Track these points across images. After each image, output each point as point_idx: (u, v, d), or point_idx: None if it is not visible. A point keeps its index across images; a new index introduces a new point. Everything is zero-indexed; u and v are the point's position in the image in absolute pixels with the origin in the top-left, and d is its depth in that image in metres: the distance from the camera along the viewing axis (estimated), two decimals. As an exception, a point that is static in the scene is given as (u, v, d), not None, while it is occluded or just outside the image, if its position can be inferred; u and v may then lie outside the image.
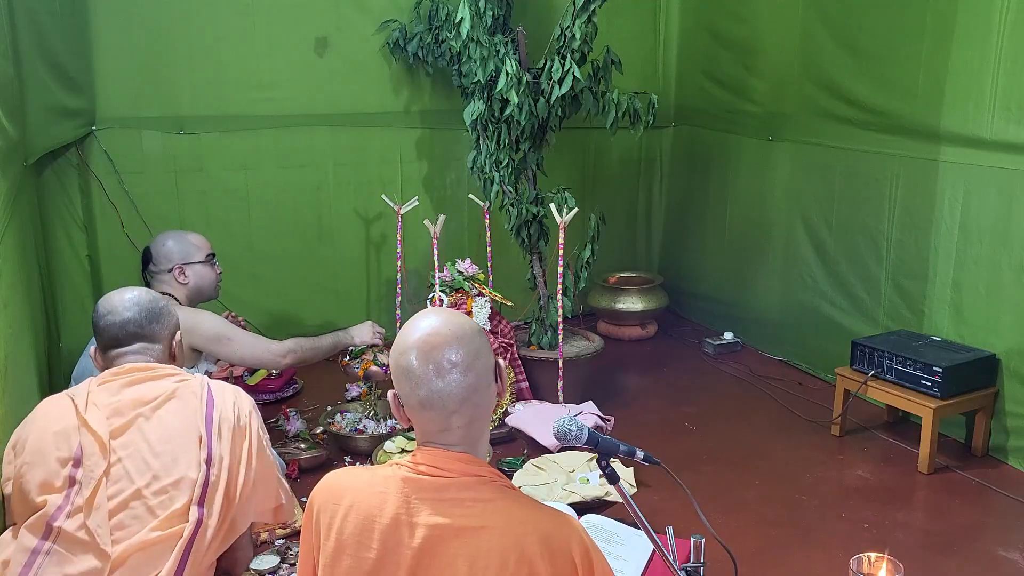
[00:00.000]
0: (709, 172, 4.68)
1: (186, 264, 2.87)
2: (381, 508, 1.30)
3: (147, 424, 1.81)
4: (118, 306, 1.97)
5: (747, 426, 3.52)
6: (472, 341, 1.33)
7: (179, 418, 1.84)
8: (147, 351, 1.97)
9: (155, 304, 2.01)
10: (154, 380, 1.89)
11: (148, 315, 1.98)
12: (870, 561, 1.96)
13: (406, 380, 1.32)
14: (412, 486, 1.31)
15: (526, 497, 1.36)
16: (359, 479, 1.37)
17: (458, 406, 1.32)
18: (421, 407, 1.33)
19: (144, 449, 1.78)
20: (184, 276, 2.86)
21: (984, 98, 3.08)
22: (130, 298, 1.99)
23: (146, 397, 1.85)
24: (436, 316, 1.36)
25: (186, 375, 1.95)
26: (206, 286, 2.93)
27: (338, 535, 1.32)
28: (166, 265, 2.86)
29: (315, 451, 3.13)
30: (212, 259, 2.97)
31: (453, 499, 1.29)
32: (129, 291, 2.02)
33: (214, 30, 3.86)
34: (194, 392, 1.89)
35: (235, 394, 1.97)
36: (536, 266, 3.83)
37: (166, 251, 2.87)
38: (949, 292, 3.33)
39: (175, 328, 2.06)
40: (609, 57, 3.67)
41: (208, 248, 2.97)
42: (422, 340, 1.32)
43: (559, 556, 1.26)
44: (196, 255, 2.90)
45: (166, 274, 2.86)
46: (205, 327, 2.75)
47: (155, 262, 2.87)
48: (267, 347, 2.88)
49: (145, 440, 1.79)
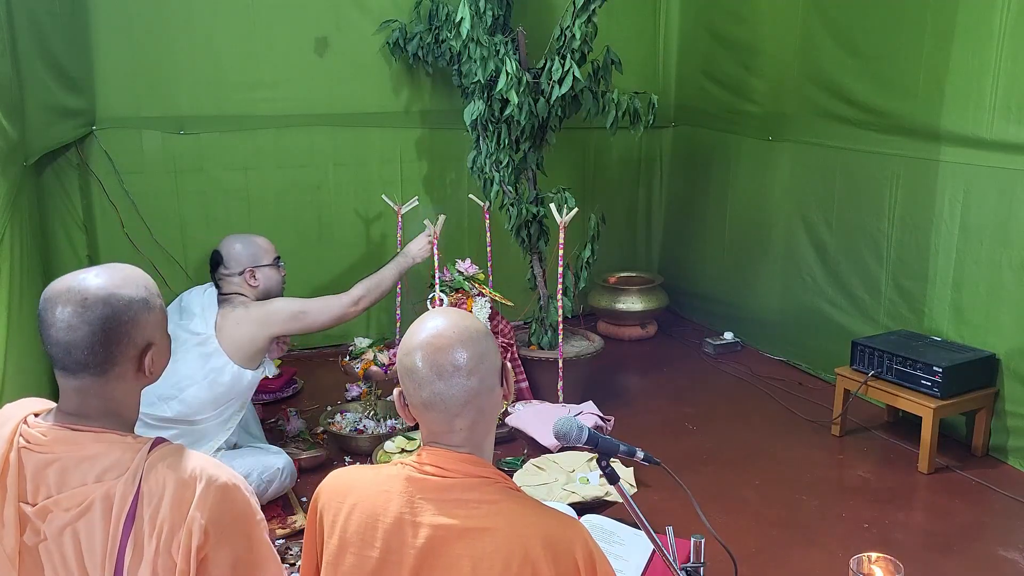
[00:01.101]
0: (709, 172, 4.68)
1: (256, 267, 2.93)
2: (385, 507, 1.30)
3: (45, 553, 1.28)
4: (62, 319, 1.29)
5: (747, 426, 3.52)
6: (478, 344, 1.33)
7: (82, 551, 1.27)
8: (95, 390, 1.32)
9: (116, 313, 1.31)
10: (82, 462, 1.29)
11: (103, 336, 1.29)
12: (870, 561, 1.96)
13: (410, 380, 1.33)
14: (416, 486, 1.31)
15: (530, 499, 1.36)
16: (364, 477, 1.37)
17: (460, 409, 1.32)
18: (424, 408, 1.33)
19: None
20: (254, 279, 2.92)
21: (984, 98, 3.08)
22: (79, 305, 1.29)
23: (60, 505, 1.28)
24: (443, 317, 1.36)
25: (124, 449, 1.31)
26: (273, 287, 2.99)
27: (341, 533, 1.32)
28: (237, 268, 2.91)
29: (315, 451, 3.13)
30: (278, 261, 3.04)
31: (457, 500, 1.29)
32: (84, 287, 1.31)
33: (214, 30, 3.86)
34: (110, 506, 1.26)
35: (189, 498, 1.26)
36: (536, 266, 3.83)
37: (235, 254, 2.93)
38: (949, 292, 3.33)
39: (150, 335, 1.36)
40: (609, 57, 3.67)
41: (274, 251, 3.03)
42: (427, 341, 1.32)
43: (562, 559, 1.26)
44: (264, 258, 2.96)
45: (237, 276, 2.91)
46: (281, 312, 2.85)
47: (226, 265, 2.93)
48: (339, 303, 2.99)
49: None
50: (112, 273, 1.35)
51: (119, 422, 1.35)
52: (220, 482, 1.28)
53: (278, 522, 2.70)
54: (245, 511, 1.31)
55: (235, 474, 1.33)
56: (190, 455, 1.32)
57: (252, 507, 1.33)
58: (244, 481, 1.34)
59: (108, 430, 1.33)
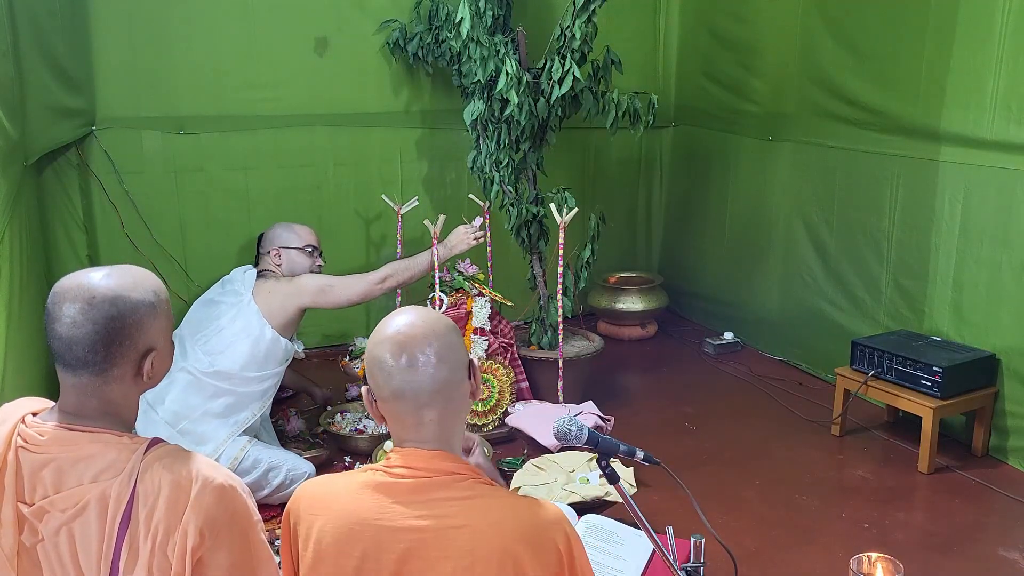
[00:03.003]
0: (709, 172, 4.68)
1: (283, 248, 3.10)
2: (359, 515, 1.29)
3: (43, 554, 1.28)
4: (68, 315, 1.30)
5: (747, 426, 3.52)
6: (445, 336, 1.35)
7: (77, 552, 1.27)
8: (93, 389, 1.32)
9: (121, 315, 1.31)
10: (78, 462, 1.28)
11: (106, 336, 1.30)
12: (870, 561, 1.96)
13: (379, 372, 1.33)
14: (388, 490, 1.30)
15: (505, 491, 1.36)
16: (335, 487, 1.35)
17: (429, 398, 1.32)
18: (393, 398, 1.33)
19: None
20: (279, 258, 3.09)
21: (985, 98, 3.08)
22: (86, 303, 1.30)
23: (57, 505, 1.27)
24: (411, 313, 1.38)
25: (120, 450, 1.30)
26: (298, 272, 3.09)
27: (316, 545, 1.30)
28: (268, 247, 3.12)
29: (315, 451, 3.13)
30: (311, 250, 3.15)
31: (431, 499, 1.28)
32: (94, 285, 1.32)
33: (214, 30, 3.85)
34: (106, 506, 1.26)
35: (185, 499, 1.25)
36: (536, 266, 3.83)
37: (272, 235, 3.14)
38: (949, 292, 3.33)
39: (152, 340, 1.36)
40: (609, 57, 3.67)
41: (311, 239, 3.16)
42: (396, 333, 1.33)
43: (543, 549, 1.26)
44: (294, 242, 3.12)
45: (267, 255, 3.11)
46: (308, 285, 2.99)
47: (263, 244, 3.15)
48: (364, 280, 3.10)
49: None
50: (123, 275, 1.36)
51: (117, 422, 1.35)
52: (216, 483, 1.27)
53: (277, 522, 2.70)
54: (242, 512, 1.30)
55: (231, 475, 1.32)
56: (187, 456, 1.31)
57: (249, 508, 1.32)
58: (241, 482, 1.33)
59: (105, 430, 1.32)
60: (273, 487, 2.80)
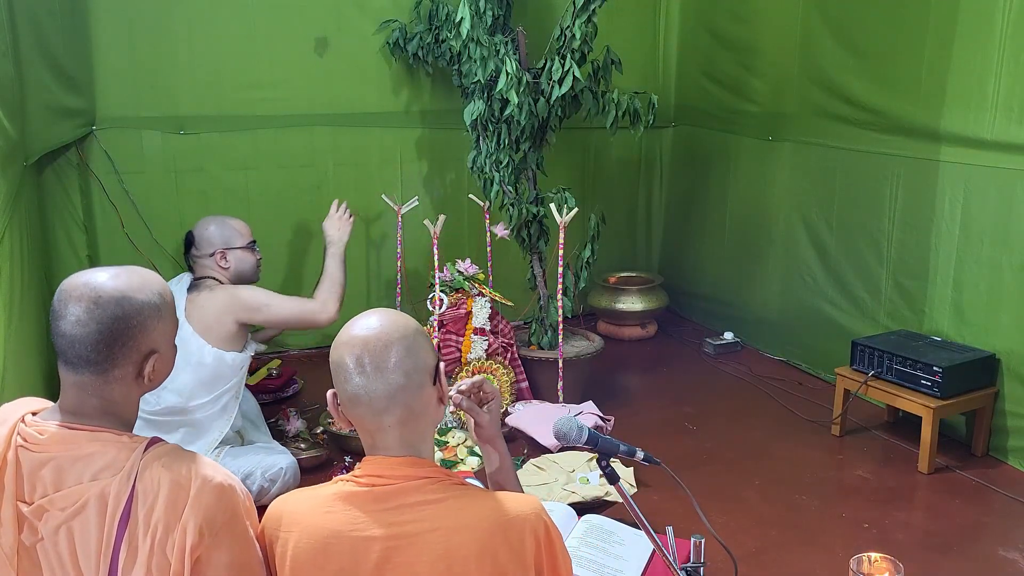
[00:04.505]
0: (709, 172, 4.68)
1: (228, 249, 2.93)
2: (331, 528, 1.27)
3: (42, 553, 1.28)
4: (73, 313, 1.31)
5: (747, 426, 3.52)
6: (405, 340, 1.32)
7: (77, 550, 1.27)
8: (94, 388, 1.33)
9: (126, 316, 1.32)
10: (78, 461, 1.29)
11: (109, 335, 1.31)
12: (870, 561, 1.96)
13: (337, 375, 1.32)
14: (358, 500, 1.29)
15: (477, 490, 1.35)
16: (305, 503, 1.34)
17: (385, 404, 1.30)
18: (351, 403, 1.32)
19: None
20: (225, 261, 2.92)
21: (986, 98, 3.08)
22: (92, 302, 1.31)
23: (56, 504, 1.27)
24: (375, 315, 1.36)
25: (119, 449, 1.31)
26: (247, 270, 2.99)
27: (293, 563, 1.29)
28: (208, 250, 2.91)
29: (315, 451, 3.13)
30: (253, 245, 3.03)
31: (400, 506, 1.27)
32: (100, 285, 1.33)
33: (214, 30, 3.85)
34: (105, 505, 1.26)
35: (184, 498, 1.25)
36: (536, 266, 3.83)
37: (208, 236, 2.92)
38: (949, 292, 3.33)
39: (155, 343, 1.38)
40: (609, 57, 3.67)
41: (249, 234, 3.03)
42: (354, 336, 1.32)
43: (518, 543, 1.26)
44: (237, 240, 2.95)
45: (208, 259, 2.92)
46: (244, 300, 2.82)
47: (197, 247, 2.93)
48: (302, 305, 2.95)
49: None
50: (130, 276, 1.37)
51: (117, 422, 1.35)
52: (215, 483, 1.28)
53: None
54: (240, 512, 1.31)
55: (230, 474, 1.33)
56: (186, 455, 1.31)
57: (247, 508, 1.33)
58: (239, 482, 1.34)
59: (105, 429, 1.33)
60: (255, 493, 2.68)
